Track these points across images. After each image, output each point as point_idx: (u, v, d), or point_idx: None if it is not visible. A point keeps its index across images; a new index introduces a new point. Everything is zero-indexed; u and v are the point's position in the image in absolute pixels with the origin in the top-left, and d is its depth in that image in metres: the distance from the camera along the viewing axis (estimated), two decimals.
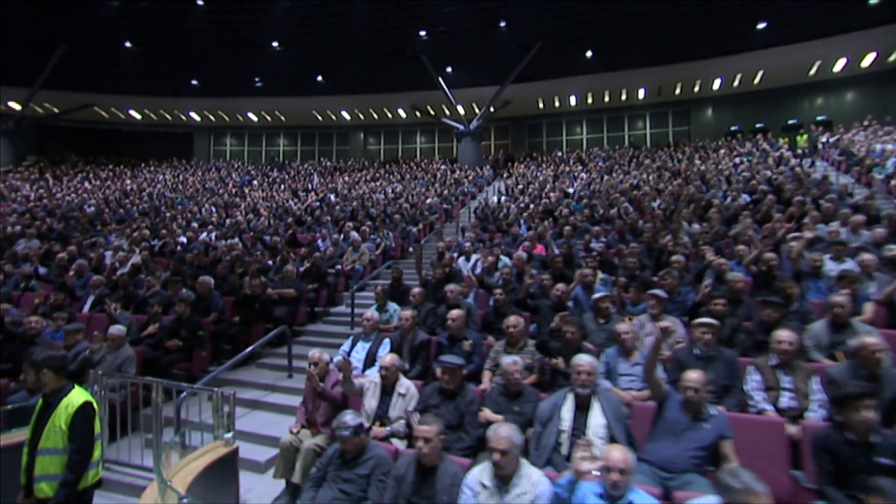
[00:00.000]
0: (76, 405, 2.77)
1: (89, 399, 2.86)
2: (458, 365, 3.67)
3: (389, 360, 3.88)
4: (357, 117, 29.08)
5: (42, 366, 2.79)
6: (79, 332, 5.07)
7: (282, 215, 13.77)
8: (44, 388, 2.81)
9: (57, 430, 2.73)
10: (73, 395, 2.83)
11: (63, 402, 2.78)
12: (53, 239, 11.50)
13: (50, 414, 2.77)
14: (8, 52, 21.79)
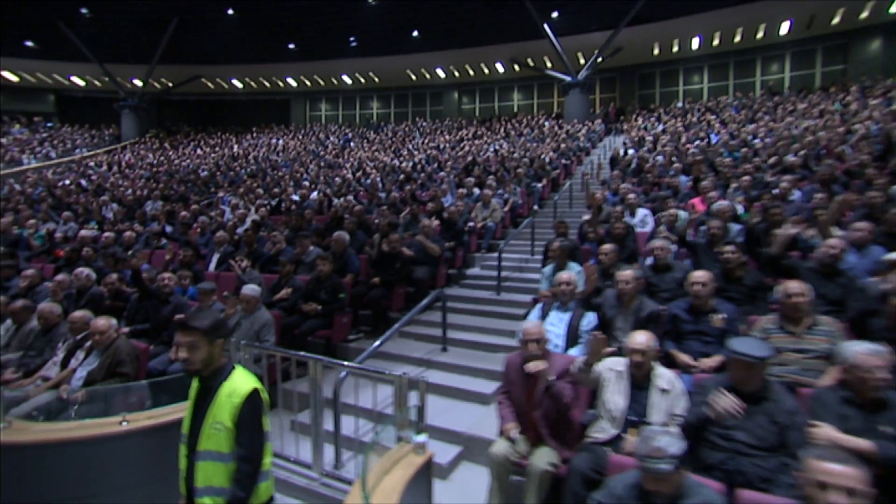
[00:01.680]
0: (242, 394, 1.85)
1: (257, 385, 1.91)
2: (759, 358, 2.30)
3: (644, 341, 2.61)
4: (452, 75, 27.63)
5: (215, 334, 1.89)
6: (212, 292, 4.34)
7: (389, 173, 12.93)
8: (203, 367, 1.88)
9: (220, 428, 1.84)
10: (237, 378, 1.90)
11: (224, 389, 1.87)
12: (175, 200, 11.55)
13: (208, 403, 1.87)
14: (128, 31, 22.93)
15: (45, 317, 4.10)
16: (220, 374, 1.89)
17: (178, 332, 1.87)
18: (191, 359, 1.84)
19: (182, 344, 1.83)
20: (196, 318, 1.86)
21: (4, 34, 22.96)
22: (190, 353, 1.83)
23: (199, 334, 1.83)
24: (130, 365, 3.56)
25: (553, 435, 2.72)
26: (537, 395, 2.77)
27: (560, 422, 2.75)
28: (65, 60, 25.28)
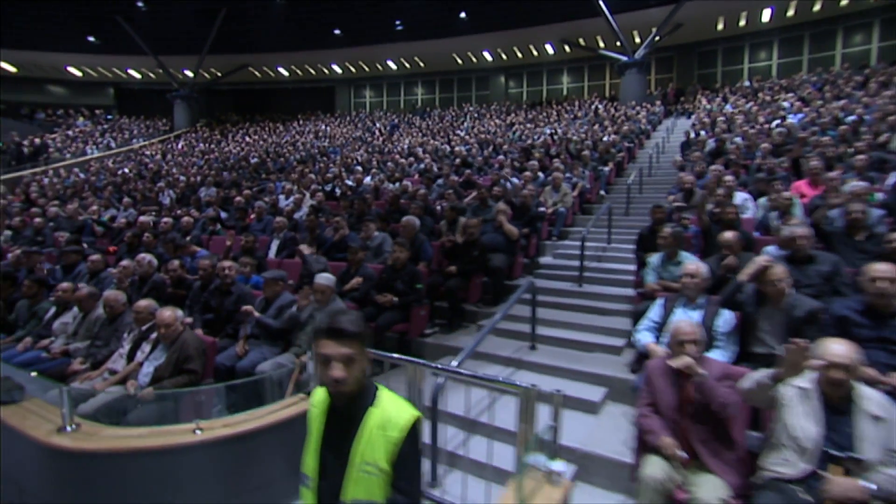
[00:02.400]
0: (402, 426, 1.35)
1: (416, 412, 1.41)
2: None
3: (845, 352, 2.01)
4: (499, 58, 26.77)
5: (368, 340, 1.40)
6: (280, 280, 3.96)
7: (442, 158, 12.43)
8: (340, 387, 1.34)
9: (373, 471, 1.33)
10: (387, 403, 1.40)
11: (373, 418, 1.36)
12: (227, 187, 11.46)
13: (350, 436, 1.37)
14: (179, 23, 23.30)
15: (111, 305, 3.85)
16: (365, 397, 1.39)
17: (322, 339, 1.33)
18: (347, 378, 1.31)
19: (336, 358, 1.31)
20: (346, 321, 1.34)
21: (69, 31, 23.88)
22: (347, 371, 1.32)
23: (357, 343, 1.34)
24: (198, 361, 3.22)
25: (711, 455, 2.17)
26: (688, 407, 2.22)
27: (717, 437, 2.19)
28: (122, 54, 26.03)
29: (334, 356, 1.31)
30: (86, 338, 4.06)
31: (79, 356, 3.84)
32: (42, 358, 3.98)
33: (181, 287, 4.64)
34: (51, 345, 4.16)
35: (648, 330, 3.19)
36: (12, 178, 14.43)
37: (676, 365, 2.24)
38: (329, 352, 1.32)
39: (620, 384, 3.66)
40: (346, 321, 1.34)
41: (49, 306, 4.59)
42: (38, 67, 28.12)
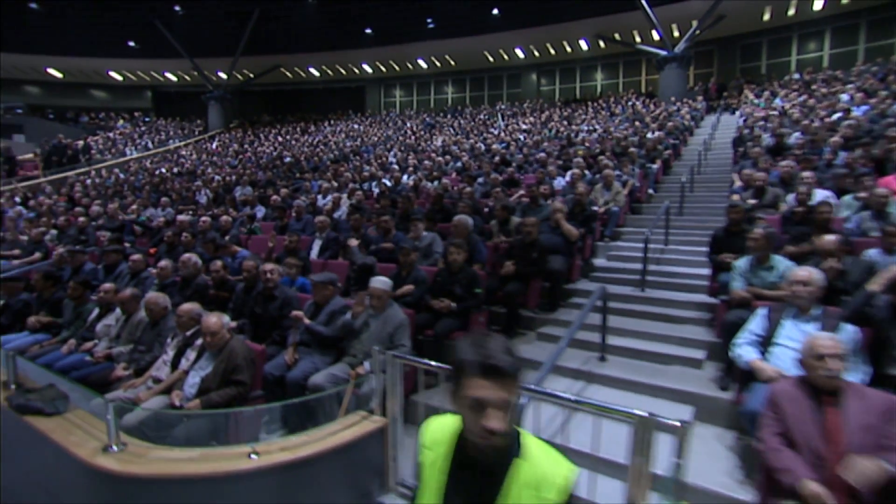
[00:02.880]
0: (561, 486, 1.05)
1: (573, 467, 1.08)
2: None
3: None
4: (532, 55, 26.26)
5: (519, 373, 1.04)
6: (330, 284, 3.69)
7: (479, 156, 12.08)
8: (494, 439, 1.00)
9: None
10: (538, 455, 1.09)
11: (523, 474, 1.05)
12: (262, 186, 11.39)
13: (489, 493, 1.05)
14: (214, 25, 23.65)
15: (152, 308, 3.65)
16: (509, 446, 1.07)
17: (474, 378, 1.00)
18: (505, 428, 1.00)
19: (494, 404, 0.99)
20: (505, 355, 1.02)
21: (111, 36, 24.55)
22: (505, 419, 1.00)
23: (516, 382, 1.02)
24: (247, 371, 2.97)
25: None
26: (845, 438, 1.82)
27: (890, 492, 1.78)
28: (160, 58, 26.62)
29: (493, 402, 0.99)
30: (128, 341, 3.88)
31: (122, 361, 3.66)
32: (86, 362, 3.82)
33: (224, 289, 4.43)
34: (94, 348, 4.00)
35: (751, 344, 2.78)
36: (58, 178, 14.77)
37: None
38: (485, 395, 0.99)
39: (708, 403, 3.26)
40: (505, 356, 1.01)
41: (93, 307, 4.45)
42: (83, 73, 29.05)
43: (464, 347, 1.06)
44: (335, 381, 3.12)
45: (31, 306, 4.81)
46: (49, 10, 22.15)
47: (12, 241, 7.91)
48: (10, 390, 2.96)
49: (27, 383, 3.04)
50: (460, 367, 1.04)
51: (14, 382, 2.99)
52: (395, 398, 2.50)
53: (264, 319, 3.80)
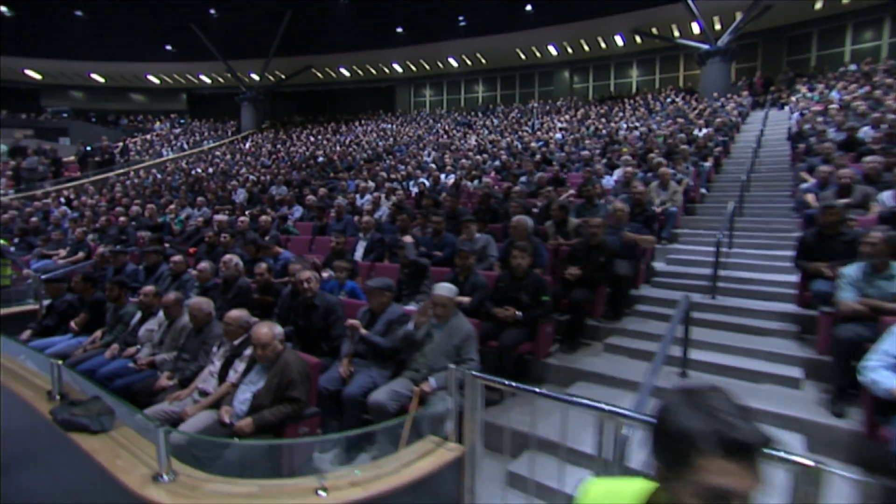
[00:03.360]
0: None
1: None
2: None
3: None
4: (565, 52, 25.67)
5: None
6: (387, 290, 3.40)
7: (517, 154, 11.71)
8: None
9: None
10: None
11: None
12: (297, 186, 11.28)
13: None
14: (247, 27, 23.90)
15: (195, 314, 3.43)
16: None
17: (715, 459, 0.68)
18: None
19: (742, 496, 0.69)
20: (749, 427, 0.70)
21: (149, 41, 25.11)
22: None
23: (761, 462, 0.71)
24: (302, 387, 2.70)
25: None
26: None
27: None
28: (195, 61, 27.09)
29: (741, 493, 0.69)
30: (172, 348, 3.69)
31: (165, 369, 3.45)
32: (129, 368, 3.64)
33: (269, 293, 4.20)
34: (137, 354, 3.83)
35: (888, 368, 2.36)
36: (100, 179, 15.05)
37: None
38: (731, 485, 0.69)
39: (822, 432, 2.84)
40: (751, 425, 0.69)
41: (134, 310, 4.29)
42: (123, 77, 29.85)
43: (682, 409, 0.73)
44: (397, 399, 2.83)
45: (75, 307, 4.70)
46: (93, 18, 22.75)
47: (58, 241, 7.95)
48: (54, 401, 2.77)
49: (72, 394, 2.85)
50: (686, 439, 0.71)
51: (59, 393, 2.80)
52: (475, 423, 2.19)
53: (308, 330, 3.54)
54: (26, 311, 5.51)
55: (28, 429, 2.91)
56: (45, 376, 3.13)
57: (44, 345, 4.35)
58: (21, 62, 27.56)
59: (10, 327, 5.29)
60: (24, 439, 2.99)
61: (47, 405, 2.74)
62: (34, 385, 3.03)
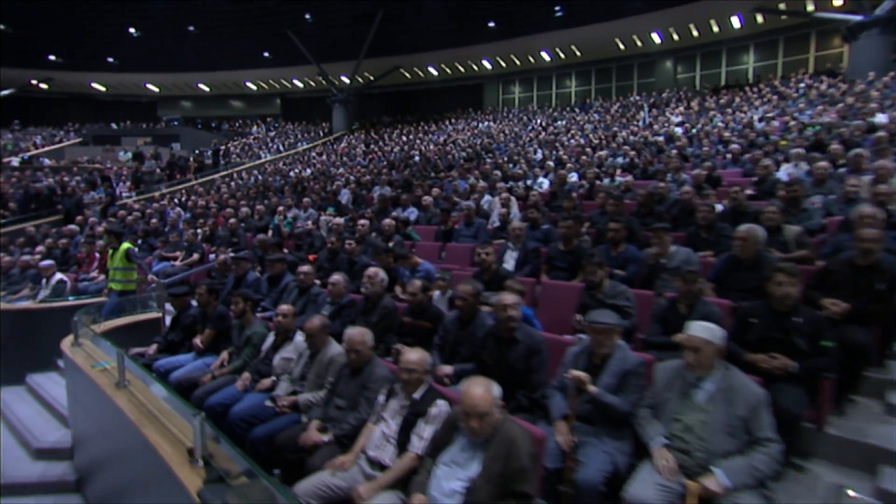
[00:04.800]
0: None
1: None
2: None
3: None
4: (670, 39, 23.50)
5: None
6: (616, 329, 2.42)
7: (640, 150, 10.36)
8: None
9: None
10: None
11: None
12: (399, 186, 10.69)
13: None
14: (339, 30, 24.14)
15: (356, 349, 2.66)
16: None
17: None
18: None
19: None
20: None
21: (249, 49, 26.22)
22: None
23: None
24: (533, 477, 1.81)
25: None
26: None
27: None
28: (289, 66, 27.95)
29: None
30: (316, 385, 2.97)
31: (314, 417, 2.72)
32: (267, 409, 2.98)
33: (425, 317, 3.39)
34: (274, 389, 3.17)
35: None
36: (207, 181, 15.57)
37: None
38: None
39: None
40: None
41: (264, 331, 3.67)
42: (225, 85, 31.63)
43: None
44: (669, 498, 1.86)
45: (198, 322, 4.20)
46: (203, 32, 24.08)
47: (174, 243, 7.84)
48: (196, 468, 2.10)
49: (216, 455, 2.17)
50: None
51: (202, 456, 2.12)
52: None
53: (500, 374, 2.65)
54: (150, 319, 5.18)
55: (167, 493, 2.29)
56: (180, 419, 2.52)
57: (170, 365, 3.86)
58: (143, 77, 30.11)
59: (134, 337, 4.96)
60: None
61: (191, 476, 2.07)
62: (171, 435, 2.42)
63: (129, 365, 3.05)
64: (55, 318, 5.90)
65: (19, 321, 5.86)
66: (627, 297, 3.31)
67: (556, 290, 3.75)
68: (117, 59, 27.43)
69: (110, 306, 5.45)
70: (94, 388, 3.21)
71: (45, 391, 5.30)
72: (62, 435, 4.50)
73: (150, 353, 4.17)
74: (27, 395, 5.50)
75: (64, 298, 6.32)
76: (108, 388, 3.06)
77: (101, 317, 4.99)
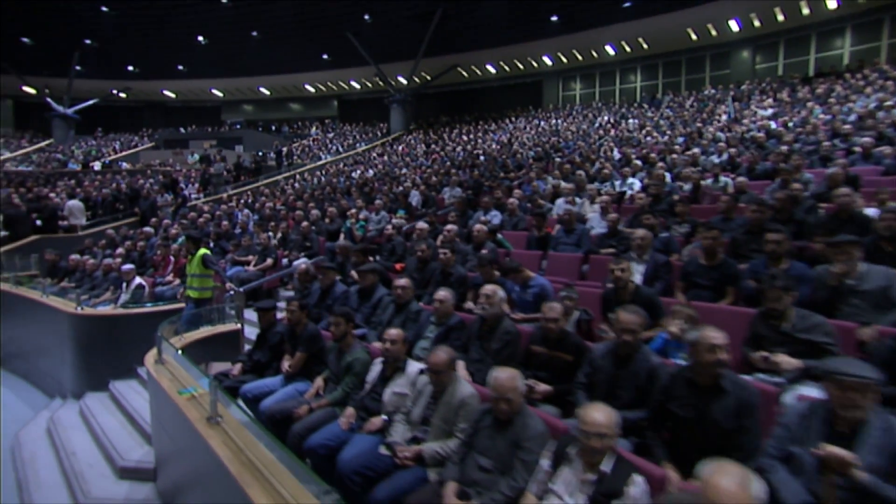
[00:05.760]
0: None
1: None
2: None
3: None
4: (750, 25, 21.73)
5: None
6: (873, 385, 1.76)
7: (736, 145, 9.34)
8: None
9: None
10: None
11: None
12: (470, 187, 10.16)
13: None
14: (397, 29, 23.96)
15: (507, 396, 2.10)
16: None
17: None
18: None
19: None
20: None
21: (308, 52, 26.58)
22: None
23: None
24: None
25: None
26: None
27: None
28: (347, 67, 28.12)
29: None
30: (443, 433, 2.45)
31: (449, 477, 2.19)
32: (382, 459, 2.48)
33: (563, 347, 2.80)
34: (386, 429, 2.68)
35: None
36: (271, 182, 15.69)
37: None
38: None
39: None
40: None
41: (367, 357, 3.20)
42: (285, 88, 32.34)
43: None
44: None
45: (285, 341, 3.80)
46: (265, 36, 24.60)
47: (247, 247, 7.66)
48: None
49: None
50: None
51: None
52: None
53: (701, 431, 2.03)
54: (229, 331, 4.89)
55: None
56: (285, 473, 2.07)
57: (258, 390, 3.47)
58: (209, 83, 31.32)
59: (214, 350, 4.68)
60: None
61: None
62: (271, 487, 1.97)
63: (223, 398, 2.65)
64: (135, 325, 5.80)
65: (103, 327, 5.79)
66: (826, 332, 2.60)
67: (712, 316, 3.06)
68: (186, 66, 28.62)
69: (187, 315, 5.23)
70: (181, 418, 2.84)
71: (126, 401, 5.14)
72: (145, 453, 4.28)
73: (235, 374, 3.81)
74: (110, 403, 5.39)
75: (142, 304, 6.21)
76: (198, 423, 2.67)
77: (181, 325, 4.74)
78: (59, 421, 5.28)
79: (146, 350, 5.62)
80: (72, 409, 5.55)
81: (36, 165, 21.01)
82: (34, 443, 5.06)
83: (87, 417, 5.14)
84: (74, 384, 5.82)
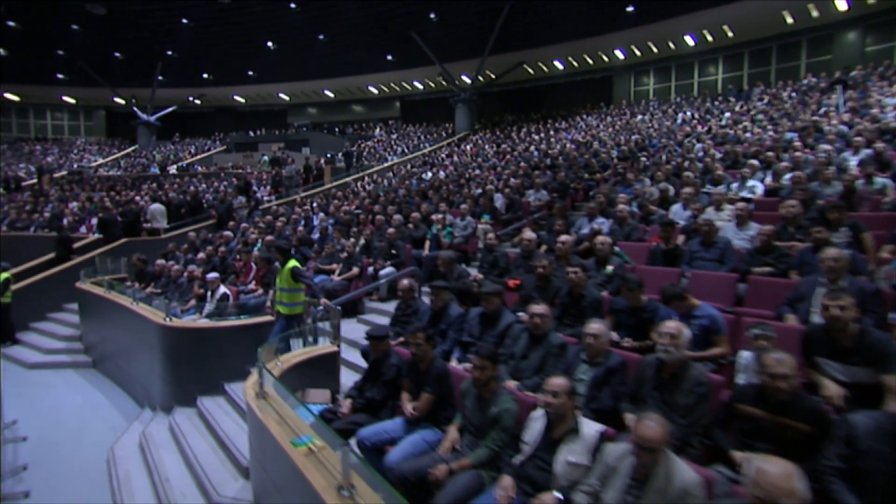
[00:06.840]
0: None
1: None
2: None
3: None
4: (862, 3, 19.44)
5: None
6: None
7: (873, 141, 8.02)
8: None
9: None
10: None
11: None
12: (554, 190, 9.42)
13: None
14: (463, 27, 23.45)
15: (779, 501, 1.45)
16: None
17: None
18: None
19: None
20: None
21: (373, 53, 26.64)
22: None
23: None
24: None
25: None
26: None
27: None
28: (411, 68, 27.97)
29: None
30: (569, 486, 1.82)
31: None
32: None
33: (793, 413, 2.09)
34: None
35: None
36: (341, 183, 15.59)
37: None
38: None
39: None
40: None
41: (516, 409, 2.59)
42: (348, 90, 32.69)
43: None
44: None
45: (402, 376, 3.28)
46: (331, 40, 24.87)
47: (330, 254, 7.33)
48: None
49: None
50: None
51: None
52: None
53: None
54: (325, 354, 4.46)
55: None
56: None
57: (378, 438, 2.96)
58: (277, 87, 32.28)
59: (310, 376, 4.25)
60: None
61: None
62: None
63: (357, 465, 2.12)
64: (223, 338, 5.56)
65: (191, 340, 5.59)
66: None
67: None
68: (256, 72, 29.55)
69: (277, 332, 4.88)
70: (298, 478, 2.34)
71: (216, 422, 4.86)
72: (240, 488, 3.91)
73: (345, 413, 3.33)
74: (199, 422, 5.15)
75: (228, 317, 5.98)
76: (324, 492, 2.14)
77: (278, 346, 4.35)
78: (152, 437, 5.09)
79: (233, 365, 5.34)
80: (162, 424, 5.37)
81: (123, 170, 22.22)
82: (127, 460, 4.89)
83: (178, 437, 4.92)
84: (163, 397, 5.66)
